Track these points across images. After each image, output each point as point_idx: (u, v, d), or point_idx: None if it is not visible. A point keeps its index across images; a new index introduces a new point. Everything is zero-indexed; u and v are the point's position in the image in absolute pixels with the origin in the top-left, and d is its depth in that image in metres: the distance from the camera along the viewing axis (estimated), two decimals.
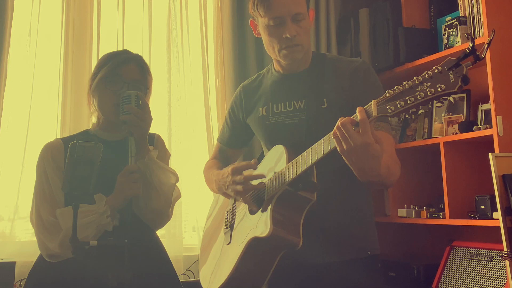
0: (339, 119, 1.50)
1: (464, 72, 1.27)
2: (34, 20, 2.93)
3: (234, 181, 1.82)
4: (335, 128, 1.50)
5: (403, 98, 1.36)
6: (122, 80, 1.92)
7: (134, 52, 3.07)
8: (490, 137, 2.55)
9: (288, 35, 1.81)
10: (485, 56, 1.30)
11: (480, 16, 2.75)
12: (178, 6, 3.22)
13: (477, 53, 1.29)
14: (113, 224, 1.82)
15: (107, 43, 3.04)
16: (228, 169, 1.86)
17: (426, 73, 1.33)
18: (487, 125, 2.64)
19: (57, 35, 2.98)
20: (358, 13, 3.35)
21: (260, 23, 1.89)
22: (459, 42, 2.84)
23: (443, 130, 2.94)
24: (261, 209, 1.79)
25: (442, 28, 2.98)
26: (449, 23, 2.93)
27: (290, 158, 1.74)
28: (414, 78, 1.35)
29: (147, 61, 3.06)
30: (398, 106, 1.36)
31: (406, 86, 1.36)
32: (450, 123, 2.91)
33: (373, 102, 1.43)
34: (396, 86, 1.38)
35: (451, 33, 2.91)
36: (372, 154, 1.47)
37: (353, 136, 1.46)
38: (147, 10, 3.17)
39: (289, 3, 1.82)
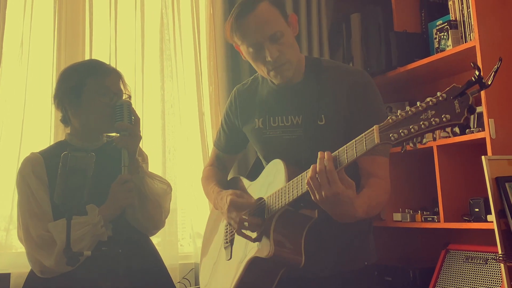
0: (311, 166, 1.51)
1: (470, 102, 1.22)
2: (26, 31, 2.91)
3: (229, 215, 1.81)
4: (307, 178, 1.52)
5: (407, 126, 1.30)
6: (111, 91, 1.94)
7: (127, 60, 3.10)
8: (483, 140, 2.56)
9: (269, 59, 1.76)
10: (491, 83, 1.26)
11: (470, 19, 2.76)
12: (171, 14, 3.22)
13: (483, 81, 1.25)
14: (107, 234, 1.82)
15: (100, 52, 3.04)
16: (228, 198, 1.83)
17: (430, 100, 1.28)
18: (480, 128, 2.65)
19: (49, 45, 2.97)
20: (350, 18, 3.36)
21: (242, 50, 1.85)
22: (450, 45, 2.86)
23: (436, 134, 2.95)
24: (261, 227, 1.77)
25: (433, 32, 3.00)
26: (440, 27, 2.95)
27: (289, 175, 1.72)
28: (418, 104, 1.30)
29: (140, 69, 3.12)
30: (402, 134, 1.31)
31: (410, 113, 1.31)
32: None
33: (375, 128, 1.38)
34: (399, 112, 1.34)
35: (442, 37, 2.93)
36: (344, 201, 1.50)
37: (323, 187, 1.48)
38: (139, 19, 3.17)
39: (262, 26, 1.75)
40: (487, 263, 2.56)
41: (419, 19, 3.26)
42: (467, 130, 2.70)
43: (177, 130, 3.17)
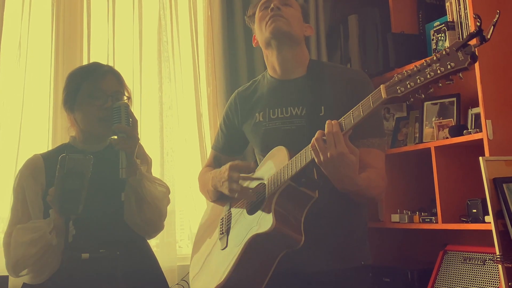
0: (318, 131, 1.57)
1: (472, 50, 1.30)
2: (24, 32, 2.91)
3: (231, 177, 1.84)
4: (313, 140, 1.57)
5: (413, 79, 1.37)
6: (105, 94, 1.94)
7: (125, 62, 3.09)
8: (480, 141, 2.56)
9: (272, 6, 1.93)
10: (490, 37, 1.32)
11: (467, 21, 2.77)
12: (168, 16, 3.22)
13: (483, 34, 1.32)
14: (58, 240, 1.78)
15: (98, 54, 3.04)
16: (227, 165, 1.88)
17: (434, 55, 1.35)
18: (477, 129, 2.65)
19: (47, 47, 2.97)
20: (347, 19, 3.36)
21: (256, 20, 1.99)
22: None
23: (434, 135, 2.95)
24: (262, 207, 1.78)
25: (431, 33, 3.00)
26: (437, 28, 2.95)
27: (291, 156, 1.76)
28: (423, 61, 1.37)
29: (138, 71, 3.12)
30: (408, 86, 1.38)
31: (415, 69, 1.38)
32: (440, 127, 2.92)
33: (381, 86, 1.45)
34: (404, 70, 1.41)
35: (439, 38, 2.93)
36: (347, 163, 1.55)
37: (328, 148, 1.53)
38: (137, 21, 3.17)
39: None
40: (485, 264, 2.56)
41: (417, 20, 3.26)
42: (464, 131, 2.70)
43: (175, 131, 3.17)
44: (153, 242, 2.29)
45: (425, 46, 3.10)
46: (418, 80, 1.36)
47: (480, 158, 2.31)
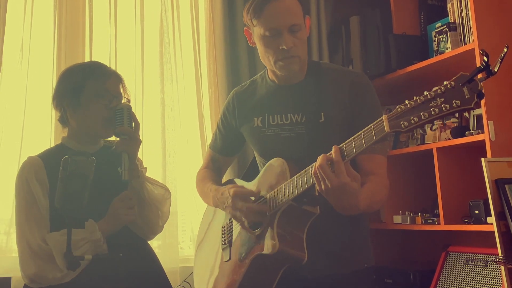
0: (318, 157, 1.54)
1: (479, 88, 1.25)
2: (26, 34, 2.92)
3: (235, 206, 1.81)
4: (314, 167, 1.55)
5: (417, 114, 1.33)
6: (111, 94, 1.94)
7: (127, 63, 3.09)
8: (482, 142, 2.56)
9: (284, 47, 1.78)
10: (497, 71, 1.28)
11: (469, 22, 2.76)
12: (170, 17, 3.23)
13: (490, 68, 1.27)
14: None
15: (100, 56, 3.04)
16: (230, 190, 1.84)
17: (439, 88, 1.31)
18: (479, 130, 2.65)
19: (49, 49, 2.97)
20: (349, 21, 3.36)
21: (255, 33, 1.86)
22: (449, 48, 2.86)
23: (436, 136, 2.95)
24: (263, 224, 1.77)
25: (433, 35, 3.00)
26: (439, 29, 2.95)
27: (291, 172, 1.73)
28: (426, 93, 1.32)
29: (139, 72, 3.12)
30: (412, 121, 1.34)
31: (418, 101, 1.34)
32: (442, 128, 2.92)
33: (384, 117, 1.40)
34: (407, 101, 1.36)
35: (441, 39, 2.93)
36: (349, 192, 1.53)
37: (330, 178, 1.51)
38: (139, 22, 3.17)
39: (285, 14, 1.79)
40: (487, 265, 2.56)
41: (418, 21, 3.26)
42: (466, 132, 2.70)
43: (177, 133, 3.17)
44: (155, 244, 2.29)
45: (427, 47, 3.10)
46: (422, 116, 1.32)
47: (482, 159, 2.31)
